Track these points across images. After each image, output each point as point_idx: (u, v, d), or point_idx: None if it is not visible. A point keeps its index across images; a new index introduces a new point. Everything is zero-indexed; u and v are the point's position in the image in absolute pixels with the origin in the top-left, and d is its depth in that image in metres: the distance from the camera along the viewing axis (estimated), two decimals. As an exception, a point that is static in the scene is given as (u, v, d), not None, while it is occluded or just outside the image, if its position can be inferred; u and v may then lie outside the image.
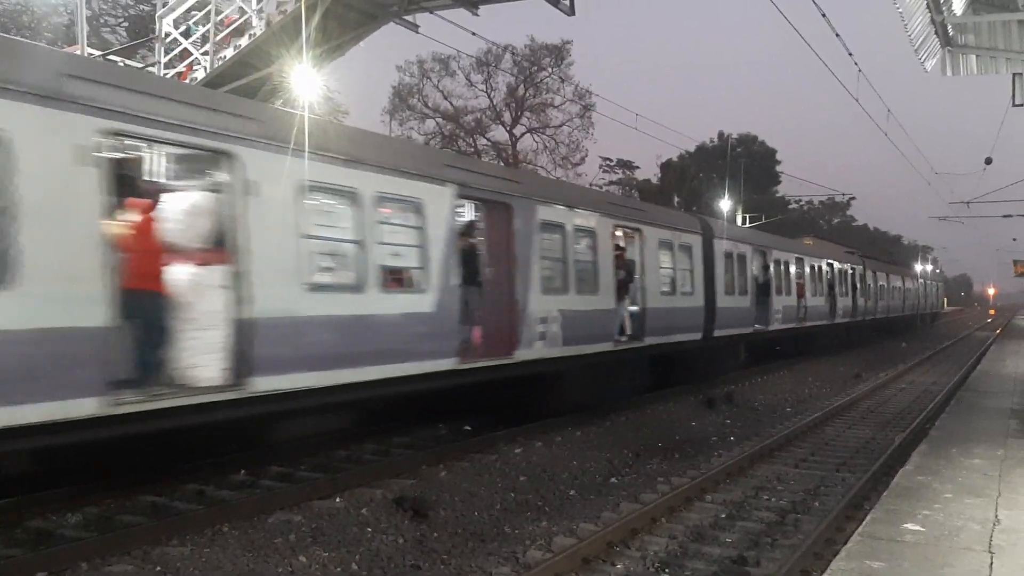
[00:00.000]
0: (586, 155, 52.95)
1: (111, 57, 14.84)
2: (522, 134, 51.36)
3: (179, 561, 7.93)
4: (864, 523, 7.43)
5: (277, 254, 9.11)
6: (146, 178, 9.48)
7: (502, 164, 44.64)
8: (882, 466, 12.14)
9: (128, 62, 15.04)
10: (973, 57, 14.83)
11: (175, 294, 8.72)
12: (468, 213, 13.23)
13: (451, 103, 50.17)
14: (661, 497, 10.49)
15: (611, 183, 62.17)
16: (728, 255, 22.42)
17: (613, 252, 16.23)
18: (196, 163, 9.25)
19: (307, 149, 9.36)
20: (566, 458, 12.81)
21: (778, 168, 73.13)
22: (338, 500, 9.94)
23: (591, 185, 50.66)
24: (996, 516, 7.55)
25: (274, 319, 9.01)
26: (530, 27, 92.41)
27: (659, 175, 63.70)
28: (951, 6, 13.21)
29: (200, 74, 14.38)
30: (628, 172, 64.17)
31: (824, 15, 13.57)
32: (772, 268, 26.16)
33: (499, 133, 51.50)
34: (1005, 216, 46.18)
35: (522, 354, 13.20)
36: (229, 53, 14.41)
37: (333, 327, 9.85)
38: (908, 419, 17.44)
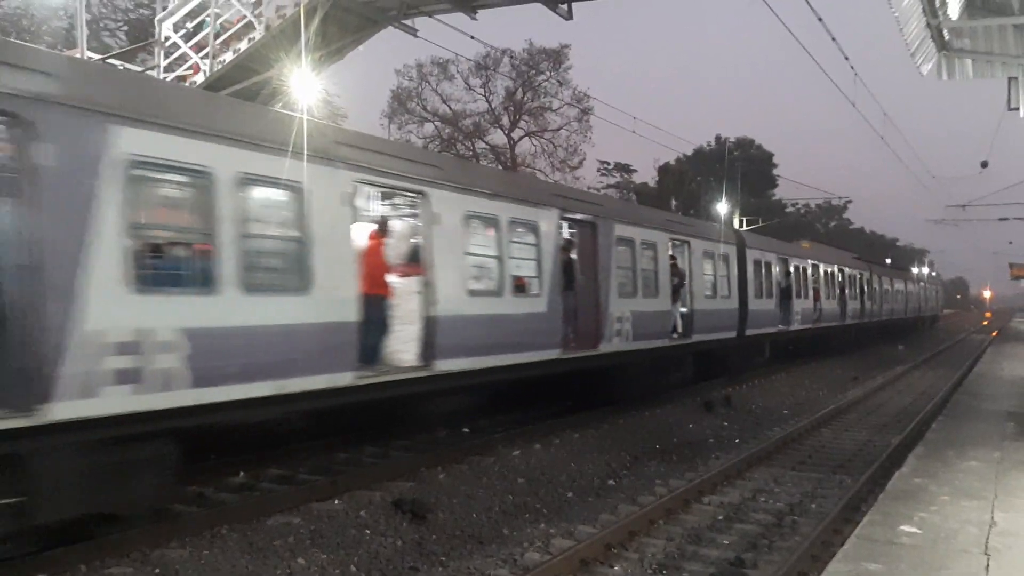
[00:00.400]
0: (584, 159, 52.94)
1: (111, 61, 14.88)
2: (520, 138, 51.39)
3: (178, 563, 7.95)
4: (861, 525, 7.46)
5: (451, 267, 11.78)
6: (374, 213, 12.23)
7: (500, 168, 44.68)
8: (879, 469, 12.18)
9: (128, 65, 15.04)
10: (969, 61, 14.86)
11: (391, 298, 11.51)
12: (565, 231, 15.36)
13: (450, 107, 50.22)
14: (659, 499, 10.53)
15: (608, 186, 62.21)
16: (757, 263, 25.00)
17: (669, 261, 18.85)
18: (401, 200, 12.28)
19: (468, 187, 12.38)
20: (564, 461, 12.84)
21: (775, 172, 73.09)
22: (337, 502, 9.96)
23: (588, 188, 50.71)
24: (992, 519, 7.59)
25: (448, 317, 11.60)
26: (528, 31, 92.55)
27: (657, 179, 63.76)
28: (947, 10, 13.23)
29: (200, 78, 14.42)
30: (626, 176, 64.25)
31: (820, 19, 13.63)
32: (792, 274, 28.46)
33: (497, 137, 51.56)
34: (1001, 219, 46.35)
35: (604, 347, 15.76)
36: (229, 57, 14.44)
37: (482, 324, 12.34)
38: (905, 422, 17.48)
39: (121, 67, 13.49)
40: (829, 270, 33.78)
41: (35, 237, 6.96)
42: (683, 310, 19.76)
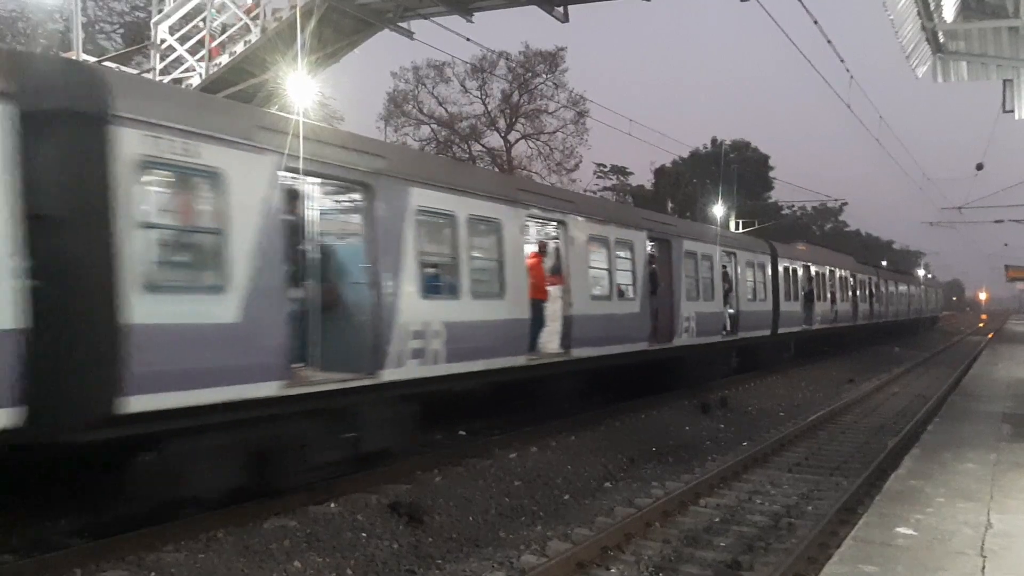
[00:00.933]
0: (580, 161, 52.87)
1: (107, 63, 14.85)
2: (516, 140, 51.38)
3: (174, 567, 7.94)
4: (857, 527, 7.46)
5: (580, 278, 15.08)
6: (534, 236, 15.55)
7: (497, 170, 44.67)
8: (875, 470, 12.19)
9: (124, 68, 15.02)
10: (964, 64, 14.91)
11: (546, 301, 14.64)
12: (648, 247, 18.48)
13: (446, 109, 50.17)
14: (655, 502, 10.53)
15: (605, 189, 62.23)
16: (786, 269, 28.40)
17: (722, 270, 22.35)
18: (550, 227, 15.34)
19: (591, 216, 15.84)
20: (561, 463, 12.83)
21: (771, 174, 73.21)
22: (333, 505, 9.94)
23: (584, 191, 50.73)
24: (989, 520, 7.59)
25: (579, 316, 14.91)
26: (524, 34, 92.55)
27: (653, 181, 63.79)
28: (942, 13, 13.27)
29: (195, 80, 14.41)
30: (622, 178, 64.26)
31: (816, 22, 13.64)
32: (814, 279, 31.79)
33: (494, 139, 51.54)
34: (997, 221, 46.37)
35: (676, 341, 19.17)
36: (225, 60, 14.43)
37: (600, 321, 15.69)
38: (901, 424, 17.50)
39: (116, 68, 13.47)
40: (843, 274, 36.95)
41: (372, 262, 10.41)
42: (731, 311, 23.06)
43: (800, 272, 30.22)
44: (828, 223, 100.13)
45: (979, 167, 29.87)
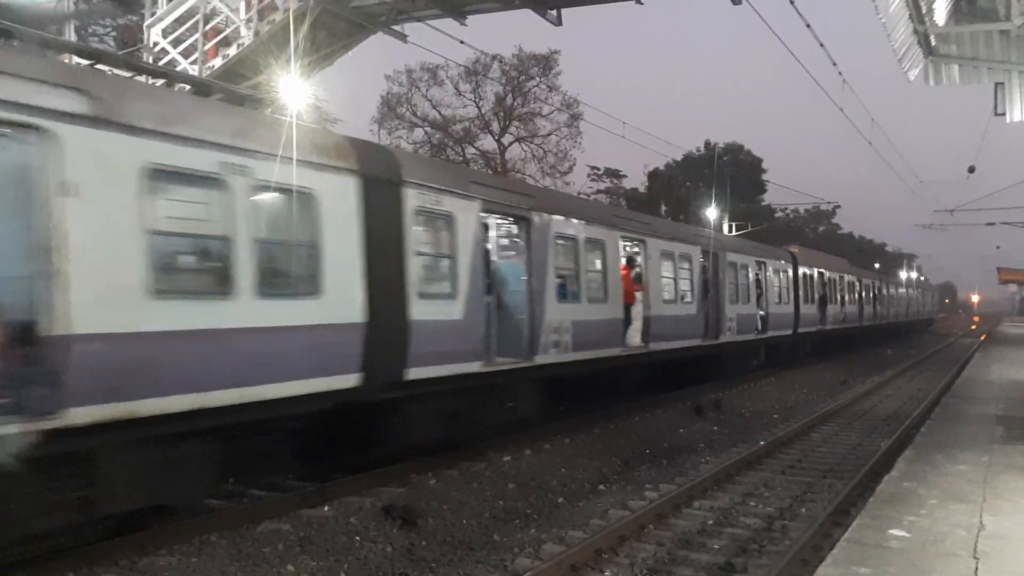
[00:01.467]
0: (574, 164, 52.95)
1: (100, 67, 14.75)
2: (510, 143, 51.41)
3: (166, 571, 7.92)
4: (850, 529, 7.46)
5: (655, 286, 18.68)
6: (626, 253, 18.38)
7: (490, 172, 44.66)
8: (868, 472, 12.20)
9: (118, 72, 14.93)
10: (956, 67, 14.97)
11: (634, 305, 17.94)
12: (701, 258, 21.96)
13: (440, 112, 50.18)
14: (649, 504, 10.52)
15: (598, 192, 62.27)
16: (805, 275, 31.88)
17: (756, 278, 26.07)
18: (635, 246, 18.40)
19: (661, 235, 19.48)
20: (555, 466, 12.83)
21: (764, 177, 73.34)
22: (327, 509, 9.93)
23: (578, 194, 50.74)
24: (981, 522, 7.60)
25: (655, 316, 18.43)
26: (518, 37, 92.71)
27: (646, 184, 63.83)
28: (934, 16, 13.33)
29: (218, 62, 14.37)
30: (615, 181, 64.29)
31: (808, 25, 13.69)
32: (827, 284, 35.31)
33: (487, 142, 51.56)
34: (989, 224, 46.51)
35: (722, 338, 22.74)
36: (217, 63, 14.40)
37: (669, 321, 19.28)
38: (894, 425, 17.54)
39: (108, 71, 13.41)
40: (850, 279, 41.07)
41: (528, 276, 13.89)
42: (761, 313, 26.56)
43: (815, 277, 33.76)
44: (821, 226, 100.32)
45: (971, 170, 29.96)
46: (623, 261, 17.67)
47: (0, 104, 6.85)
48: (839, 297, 37.53)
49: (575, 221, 15.38)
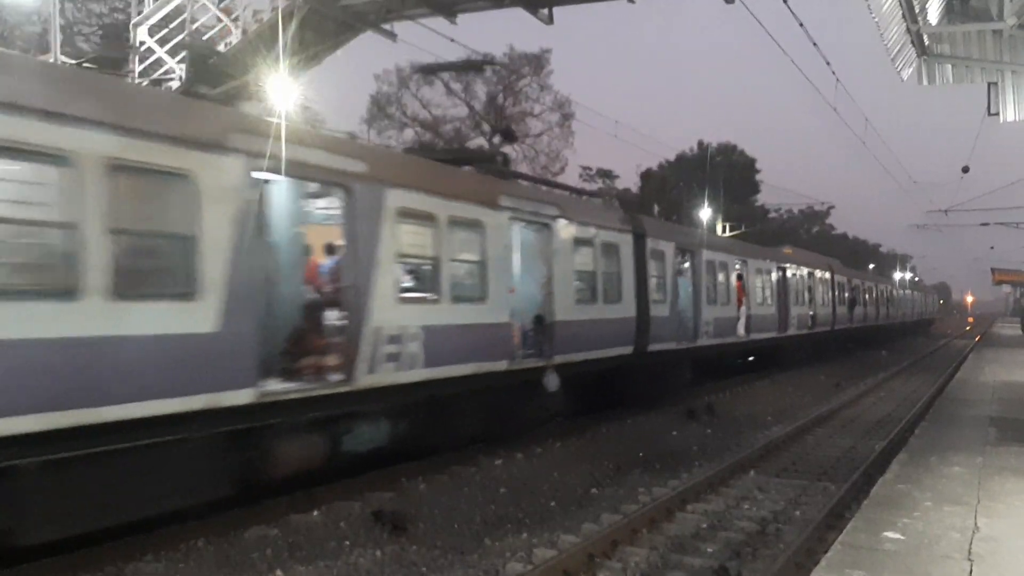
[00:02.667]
0: (566, 164, 52.88)
1: (86, 65, 14.64)
2: (501, 143, 51.31)
3: (152, 577, 7.81)
4: (844, 532, 7.40)
5: (753, 293, 25.50)
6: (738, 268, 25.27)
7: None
8: (862, 475, 12.15)
9: (104, 71, 14.81)
10: (949, 66, 14.94)
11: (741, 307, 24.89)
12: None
13: (430, 112, 50.03)
14: (642, 508, 10.45)
15: (591, 193, 62.21)
16: (839, 283, 39.25)
17: (808, 283, 33.49)
18: (742, 266, 25.88)
19: (754, 257, 26.44)
20: (547, 470, 12.74)
21: (757, 177, 73.39)
22: (316, 514, 9.83)
23: (570, 194, 50.59)
24: (976, 524, 7.55)
25: (754, 315, 25.55)
26: (509, 36, 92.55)
27: (639, 184, 63.83)
28: (927, 16, 13.30)
29: (175, 83, 14.24)
30: (608, 182, 64.25)
31: (802, 24, 13.62)
32: (854, 289, 42.91)
33: (479, 142, 51.42)
34: (983, 224, 46.62)
35: (788, 332, 29.86)
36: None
37: (760, 318, 26.25)
38: (888, 428, 17.51)
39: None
40: (869, 285, 49.33)
41: (697, 288, 21.24)
42: (811, 312, 33.37)
43: (845, 283, 41.06)
44: (815, 226, 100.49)
45: (965, 170, 30.02)
46: (735, 276, 24.63)
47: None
48: (862, 300, 45.47)
49: (716, 252, 23.22)
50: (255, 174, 9.06)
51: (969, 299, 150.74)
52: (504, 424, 13.98)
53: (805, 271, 32.80)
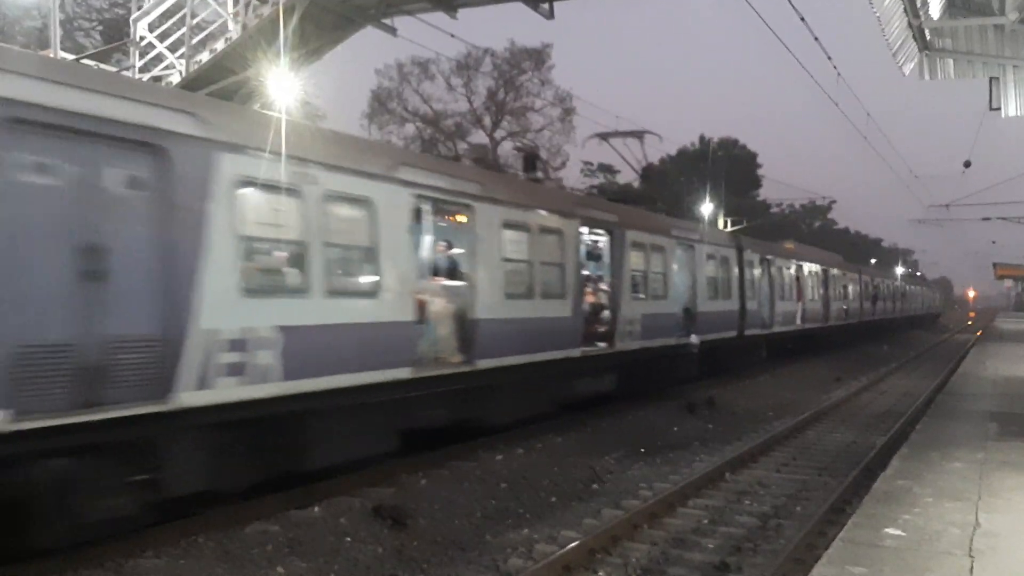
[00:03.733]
0: (567, 159, 52.86)
1: (85, 61, 14.65)
2: (502, 138, 51.20)
3: (153, 573, 7.83)
4: (845, 528, 7.40)
5: (807, 289, 32.51)
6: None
7: (484, 169, 44.46)
8: (863, 470, 12.16)
9: (102, 66, 14.82)
10: (950, 61, 14.90)
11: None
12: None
13: (431, 107, 49.96)
14: (643, 503, 10.46)
15: (592, 187, 62.14)
16: (864, 282, 45.73)
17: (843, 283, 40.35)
18: (796, 269, 32.42)
19: (808, 260, 33.88)
20: (547, 465, 12.72)
21: (759, 172, 73.25)
22: (316, 509, 9.81)
23: (572, 189, 50.58)
24: (976, 520, 7.54)
25: (806, 308, 31.94)
26: (509, 31, 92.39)
27: (640, 179, 63.73)
28: (928, 10, 13.25)
29: (175, 78, 14.23)
30: (609, 176, 64.17)
31: (803, 19, 13.57)
32: (876, 287, 49.69)
33: (479, 137, 51.35)
34: (984, 219, 46.57)
35: (829, 323, 35.75)
36: (205, 57, 14.25)
37: (808, 312, 32.42)
38: (889, 423, 17.50)
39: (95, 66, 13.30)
40: (887, 282, 56.73)
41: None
42: (845, 307, 39.89)
43: (868, 281, 47.49)
44: (817, 221, 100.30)
45: (966, 164, 29.96)
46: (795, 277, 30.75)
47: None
48: (882, 295, 52.01)
49: (783, 259, 29.69)
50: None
51: (971, 294, 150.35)
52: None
53: (842, 272, 40.34)
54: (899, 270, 76.99)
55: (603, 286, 17.17)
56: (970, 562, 6.41)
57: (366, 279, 10.76)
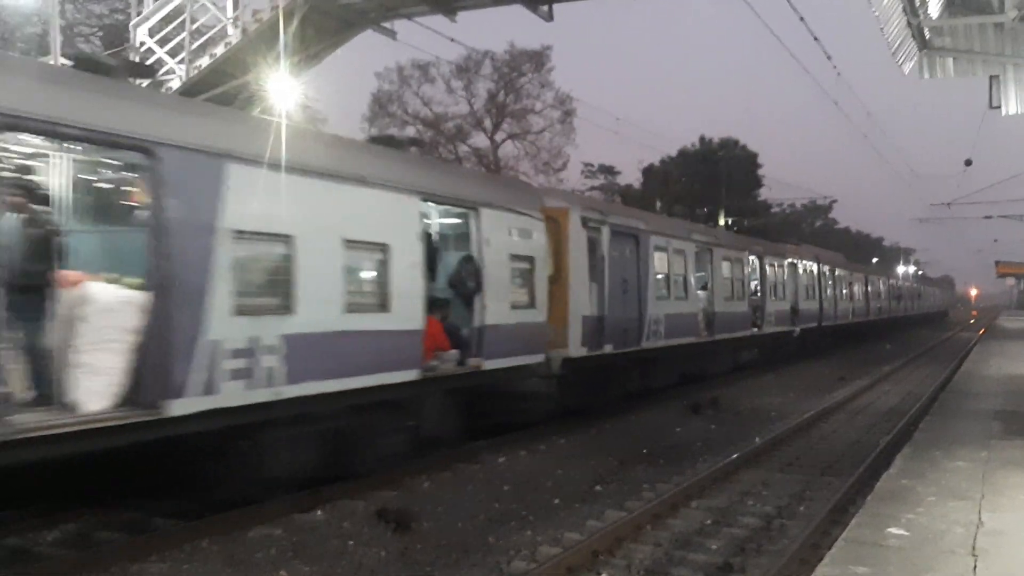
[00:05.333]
0: (568, 161, 52.88)
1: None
2: (503, 140, 51.26)
3: (157, 578, 7.82)
4: (849, 528, 7.41)
5: (835, 288, 38.58)
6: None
7: (484, 170, 44.55)
8: (867, 470, 12.12)
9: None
10: (950, 60, 14.88)
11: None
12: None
13: (431, 109, 50.02)
14: (646, 504, 10.43)
15: (593, 188, 62.16)
16: (892, 284, 55.29)
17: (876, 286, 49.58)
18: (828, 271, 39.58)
19: (840, 266, 39.90)
20: (550, 466, 12.72)
21: (760, 172, 73.20)
22: (319, 513, 9.83)
23: (572, 191, 50.65)
24: (980, 519, 7.55)
25: (856, 307, 43.36)
26: (509, 33, 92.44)
27: (641, 180, 63.76)
28: (927, 9, 13.25)
29: (175, 83, 14.25)
30: (610, 177, 64.22)
31: (802, 19, 13.60)
32: (900, 288, 59.03)
33: (480, 139, 51.41)
34: (986, 217, 46.63)
35: (869, 317, 45.23)
36: (205, 62, 14.27)
37: (858, 310, 43.62)
38: (892, 422, 17.47)
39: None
40: (904, 283, 66.72)
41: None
42: (879, 305, 47.91)
43: (894, 284, 57.56)
44: (818, 220, 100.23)
45: (967, 163, 29.95)
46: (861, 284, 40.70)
47: None
48: (902, 295, 61.86)
49: (844, 270, 38.74)
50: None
51: (973, 292, 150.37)
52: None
53: (877, 278, 50.77)
54: (909, 269, 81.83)
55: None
56: (973, 561, 6.42)
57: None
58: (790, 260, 30.81)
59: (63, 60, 13.25)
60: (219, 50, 14.20)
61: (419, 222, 11.36)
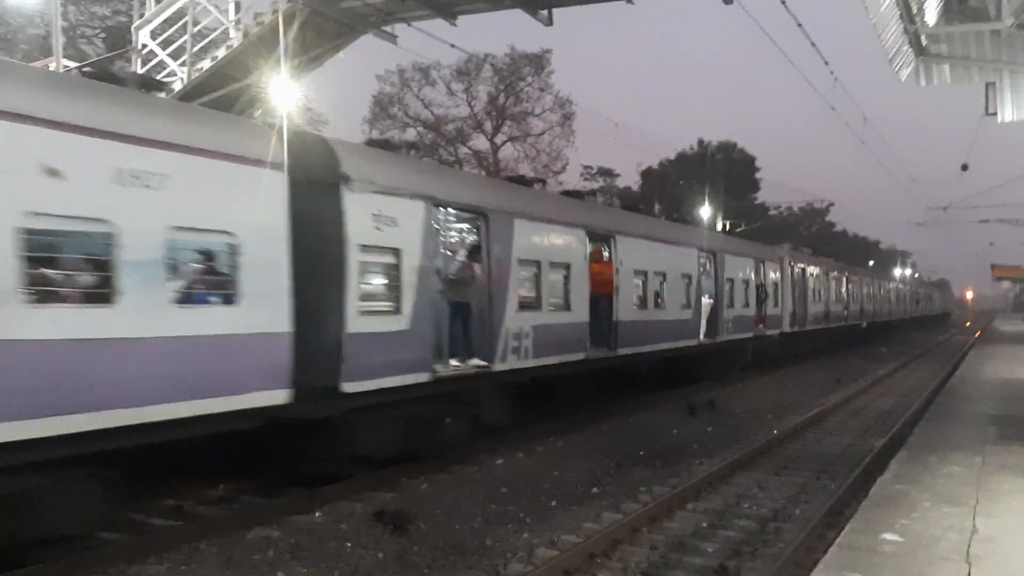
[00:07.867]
0: (567, 163, 52.87)
1: (88, 69, 14.66)
2: (503, 143, 51.24)
3: (156, 579, 7.85)
4: (843, 533, 7.44)
5: (887, 294, 56.38)
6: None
7: (483, 173, 44.57)
8: (862, 473, 12.19)
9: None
10: (947, 66, 14.94)
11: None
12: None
13: (432, 112, 50.01)
14: (643, 507, 10.49)
15: (592, 191, 62.10)
16: (913, 290, 71.83)
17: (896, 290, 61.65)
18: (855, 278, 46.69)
19: (865, 276, 49.77)
20: (547, 468, 12.77)
21: (757, 175, 73.21)
22: (317, 515, 9.87)
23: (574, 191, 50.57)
24: (974, 525, 7.58)
25: (882, 308, 52.86)
26: (509, 37, 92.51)
27: (640, 183, 63.77)
28: (924, 16, 13.30)
29: (177, 85, 14.28)
30: (609, 180, 64.21)
31: (800, 24, 13.65)
32: (917, 293, 71.80)
33: (480, 142, 51.41)
34: (982, 221, 46.70)
35: (892, 316, 56.74)
36: (207, 64, 14.31)
37: (883, 311, 53.68)
38: (887, 425, 17.54)
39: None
40: (914, 288, 75.78)
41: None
42: (900, 307, 59.26)
43: (911, 289, 66.79)
44: (815, 224, 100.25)
45: (964, 168, 29.98)
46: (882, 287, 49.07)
47: None
48: (915, 299, 73.06)
49: (879, 279, 51.03)
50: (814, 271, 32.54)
51: (969, 295, 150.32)
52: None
53: (902, 286, 61.64)
54: (915, 275, 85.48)
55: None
56: (967, 568, 6.45)
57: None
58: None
59: (65, 62, 13.30)
60: (221, 53, 14.24)
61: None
